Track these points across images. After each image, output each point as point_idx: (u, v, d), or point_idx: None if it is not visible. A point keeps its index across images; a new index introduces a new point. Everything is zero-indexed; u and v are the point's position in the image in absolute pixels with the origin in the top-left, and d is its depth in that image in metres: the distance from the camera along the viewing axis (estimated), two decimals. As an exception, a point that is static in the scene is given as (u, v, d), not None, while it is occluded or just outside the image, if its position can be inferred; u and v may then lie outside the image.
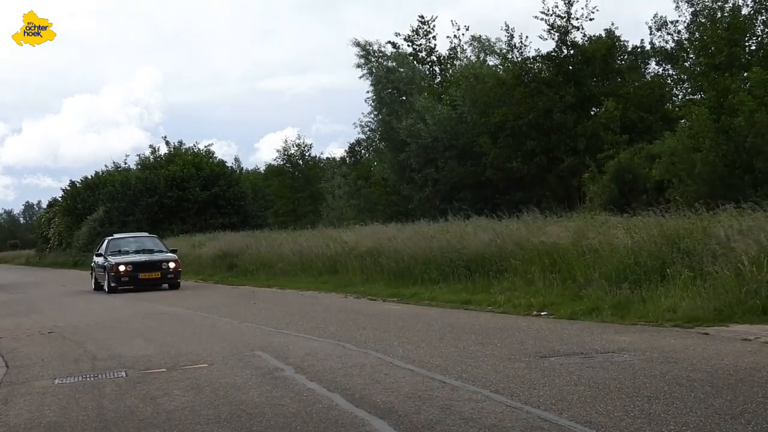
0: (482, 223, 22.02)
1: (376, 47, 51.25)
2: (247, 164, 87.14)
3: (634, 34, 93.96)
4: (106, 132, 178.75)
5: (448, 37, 59.37)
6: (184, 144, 60.11)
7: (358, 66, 51.22)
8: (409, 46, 52.60)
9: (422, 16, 53.02)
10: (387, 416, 7.01)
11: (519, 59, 42.14)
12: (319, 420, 7.04)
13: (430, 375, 8.73)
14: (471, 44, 50.65)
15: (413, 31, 52.63)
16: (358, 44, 51.02)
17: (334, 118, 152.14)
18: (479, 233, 20.08)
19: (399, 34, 52.74)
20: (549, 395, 7.46)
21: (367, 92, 51.94)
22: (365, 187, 52.35)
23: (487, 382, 8.21)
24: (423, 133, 43.23)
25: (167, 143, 60.07)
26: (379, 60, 51.13)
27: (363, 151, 62.35)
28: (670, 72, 40.68)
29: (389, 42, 52.06)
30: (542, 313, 13.96)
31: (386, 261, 21.84)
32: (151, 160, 58.77)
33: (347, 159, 62.88)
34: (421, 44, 52.84)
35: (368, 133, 57.60)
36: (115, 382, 9.53)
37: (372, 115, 53.19)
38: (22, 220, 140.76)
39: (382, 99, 50.35)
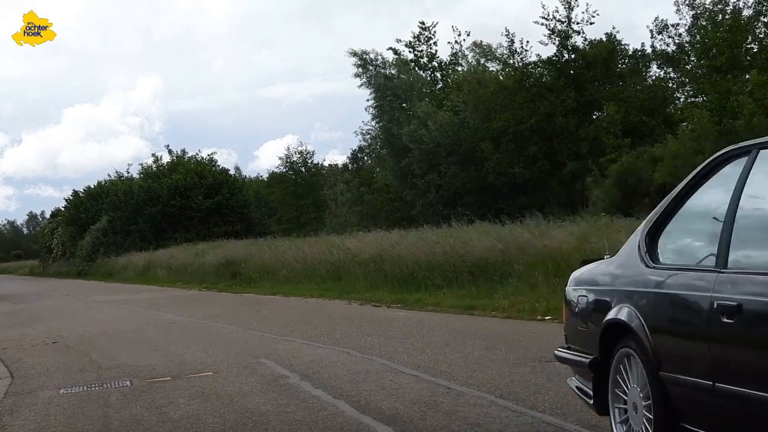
0: (485, 228, 21.99)
1: (373, 55, 51.28)
2: (247, 172, 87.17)
3: (635, 38, 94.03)
4: (106, 142, 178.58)
5: (449, 42, 59.41)
6: (187, 152, 60.29)
7: (357, 75, 51.29)
8: (410, 52, 52.65)
9: (423, 22, 53.00)
10: (392, 422, 7.01)
11: (520, 64, 42.17)
12: (325, 427, 7.04)
13: (435, 381, 8.73)
14: (472, 50, 50.71)
15: (414, 37, 52.63)
16: (354, 54, 51.00)
17: (332, 125, 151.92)
18: (483, 238, 20.06)
19: (400, 40, 52.73)
20: (554, 400, 7.46)
21: (367, 100, 52.02)
22: (368, 194, 52.34)
23: (492, 387, 8.21)
24: (425, 138, 43.24)
25: (170, 152, 60.21)
26: (377, 68, 51.13)
27: (365, 158, 62.38)
28: (672, 75, 40.71)
29: (390, 48, 52.11)
30: (547, 318, 13.95)
31: (390, 267, 21.81)
32: (154, 168, 58.87)
33: (349, 166, 62.88)
34: (422, 50, 52.85)
35: (369, 140, 57.68)
36: (120, 391, 9.53)
37: (373, 123, 53.27)
38: (25, 231, 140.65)
39: (383, 106, 50.35)
